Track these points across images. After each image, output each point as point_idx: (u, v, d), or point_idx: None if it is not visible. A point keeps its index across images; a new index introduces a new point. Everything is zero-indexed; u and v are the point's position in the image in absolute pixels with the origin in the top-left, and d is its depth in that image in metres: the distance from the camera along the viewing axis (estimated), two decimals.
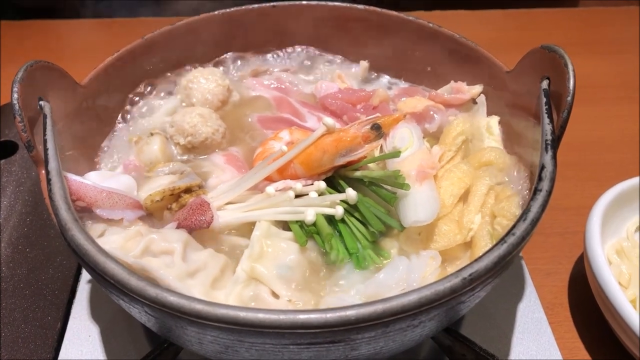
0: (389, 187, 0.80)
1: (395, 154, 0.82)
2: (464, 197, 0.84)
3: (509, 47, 0.92)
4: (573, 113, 1.48)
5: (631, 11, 1.96)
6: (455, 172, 0.84)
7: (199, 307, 0.58)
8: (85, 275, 1.06)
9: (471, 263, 0.62)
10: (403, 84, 1.15)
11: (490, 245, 0.76)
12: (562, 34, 1.88)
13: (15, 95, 0.75)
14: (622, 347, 0.94)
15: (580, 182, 1.32)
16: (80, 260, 0.66)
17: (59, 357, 0.93)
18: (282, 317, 0.57)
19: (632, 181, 1.08)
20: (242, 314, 0.58)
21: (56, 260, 1.05)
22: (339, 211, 0.77)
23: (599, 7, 2.06)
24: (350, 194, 0.78)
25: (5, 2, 2.20)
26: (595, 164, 1.37)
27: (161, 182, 0.87)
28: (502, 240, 0.64)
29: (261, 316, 0.57)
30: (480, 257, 0.63)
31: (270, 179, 0.84)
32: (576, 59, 1.55)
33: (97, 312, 1.00)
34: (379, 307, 0.58)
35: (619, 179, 1.08)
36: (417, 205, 0.77)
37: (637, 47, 1.77)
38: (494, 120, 0.95)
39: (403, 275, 0.73)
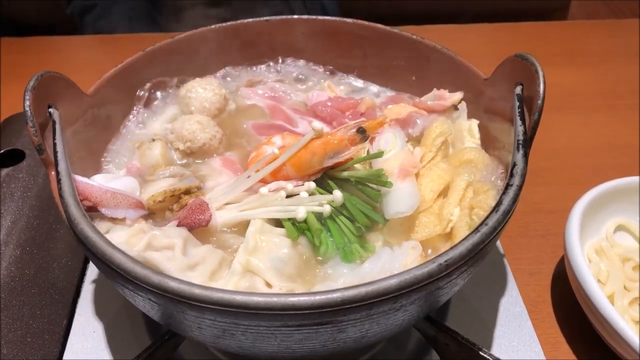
0: (373, 186, 0.86)
1: (379, 154, 0.88)
2: (444, 193, 0.89)
3: (492, 58, 0.97)
4: (556, 121, 1.55)
5: (609, 24, 2.03)
6: (435, 170, 0.90)
7: (197, 291, 0.63)
8: (89, 275, 1.10)
9: (447, 250, 0.67)
10: (390, 93, 1.20)
11: None
12: (545, 45, 1.94)
13: (27, 103, 0.79)
14: (602, 341, 0.99)
15: (563, 186, 1.37)
16: (89, 252, 0.71)
17: (65, 352, 0.97)
18: (274, 299, 0.62)
19: (609, 184, 1.13)
20: (238, 297, 0.62)
21: (62, 261, 1.09)
22: (326, 209, 0.82)
23: (580, 21, 2.13)
24: (337, 195, 0.83)
25: (5, 20, 2.25)
26: (577, 168, 1.42)
27: (162, 184, 0.91)
28: (476, 229, 0.70)
29: (255, 299, 0.62)
30: (456, 245, 0.68)
31: (264, 181, 0.89)
32: (557, 70, 1.62)
33: (101, 309, 1.04)
34: (362, 290, 0.63)
35: (599, 183, 1.13)
36: (398, 199, 0.83)
37: (615, 59, 1.84)
38: (474, 123, 1.00)
39: (386, 265, 0.78)
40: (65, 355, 0.97)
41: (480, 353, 0.86)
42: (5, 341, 0.95)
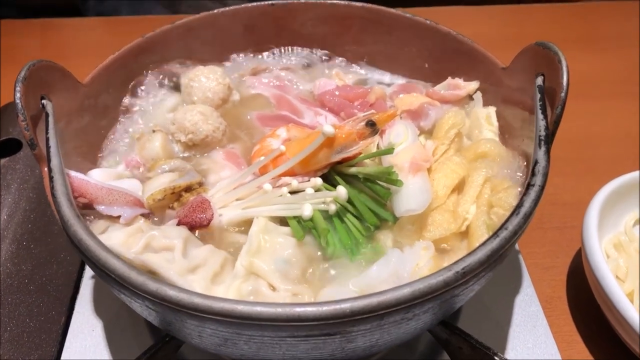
0: (383, 183, 0.81)
1: (389, 150, 0.83)
2: (459, 189, 0.85)
3: (507, 43, 0.93)
4: (571, 109, 1.49)
5: (628, 6, 1.96)
6: (448, 164, 0.86)
7: (197, 300, 0.60)
8: (88, 271, 1.07)
9: (464, 257, 0.63)
10: (401, 81, 1.16)
11: (486, 235, 0.78)
12: (560, 29, 1.88)
13: (18, 95, 0.76)
14: (620, 340, 0.95)
15: (579, 177, 1.33)
16: (82, 255, 0.68)
17: (64, 351, 0.95)
18: (279, 310, 0.59)
19: (629, 176, 1.09)
20: (240, 307, 0.59)
21: (60, 257, 1.06)
22: (331, 207, 0.79)
23: (597, 2, 2.06)
24: (341, 191, 0.79)
25: (6, 1, 2.21)
26: (593, 159, 1.38)
27: (162, 181, 0.88)
28: (495, 234, 0.66)
29: (258, 309, 0.59)
30: (473, 251, 0.64)
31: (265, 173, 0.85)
32: (574, 55, 1.56)
33: (101, 307, 1.01)
34: (373, 300, 0.59)
35: (616, 174, 1.09)
36: (409, 196, 0.79)
37: (634, 43, 1.78)
38: (492, 110, 0.96)
39: (395, 267, 0.74)
40: (64, 355, 0.94)
41: (495, 358, 0.82)
42: (1, 341, 0.92)
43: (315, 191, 0.81)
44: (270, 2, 1.15)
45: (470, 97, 1.01)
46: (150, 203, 0.84)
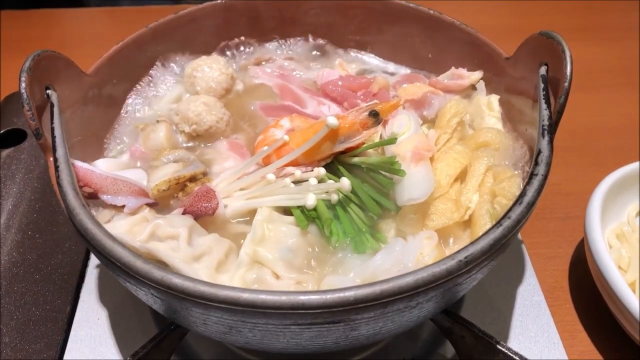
0: (386, 173, 0.82)
1: (392, 140, 0.83)
2: (462, 178, 0.85)
3: (511, 33, 0.92)
4: (575, 99, 1.49)
5: None
6: (450, 153, 0.85)
7: (202, 288, 0.60)
8: (93, 261, 1.07)
9: (467, 246, 0.63)
10: (404, 71, 1.15)
11: (489, 224, 0.78)
12: (563, 20, 1.87)
13: (23, 85, 0.76)
14: (621, 329, 0.96)
15: (582, 167, 1.33)
16: (88, 244, 0.68)
17: (69, 339, 0.95)
18: (283, 298, 0.59)
19: (633, 166, 1.08)
20: (245, 295, 0.59)
21: (65, 246, 1.07)
22: (333, 197, 0.79)
23: None
24: (344, 182, 0.79)
25: None
26: (597, 149, 1.38)
27: (167, 171, 0.88)
28: (498, 223, 0.66)
29: (263, 297, 0.59)
30: (476, 240, 0.64)
31: (269, 164, 0.85)
32: (577, 45, 1.56)
33: (106, 296, 1.02)
34: (376, 289, 0.59)
35: (619, 164, 1.09)
36: (411, 185, 0.79)
37: (638, 33, 1.77)
38: (494, 97, 0.96)
39: (399, 257, 0.74)
40: (69, 343, 0.95)
41: (498, 347, 0.82)
42: (7, 329, 0.93)
43: (319, 181, 0.81)
44: None
45: (473, 86, 1.01)
46: (155, 193, 0.85)
